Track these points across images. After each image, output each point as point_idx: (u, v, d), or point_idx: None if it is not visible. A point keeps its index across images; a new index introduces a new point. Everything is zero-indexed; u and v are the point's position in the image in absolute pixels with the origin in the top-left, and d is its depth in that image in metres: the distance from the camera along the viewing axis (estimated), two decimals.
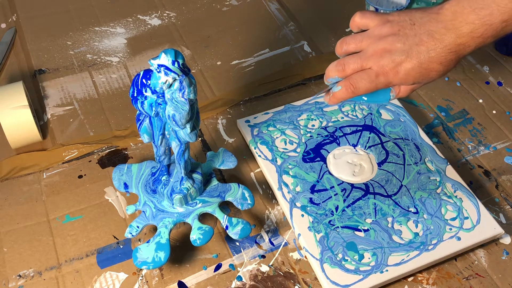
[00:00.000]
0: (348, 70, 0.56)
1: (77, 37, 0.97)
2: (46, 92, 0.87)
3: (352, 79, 0.55)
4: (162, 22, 1.00)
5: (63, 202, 0.73)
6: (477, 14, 0.51)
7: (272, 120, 0.81)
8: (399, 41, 0.54)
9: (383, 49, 0.54)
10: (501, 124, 0.84)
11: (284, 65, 0.93)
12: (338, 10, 1.04)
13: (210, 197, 0.66)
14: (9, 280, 0.65)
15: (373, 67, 0.55)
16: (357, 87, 0.55)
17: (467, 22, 0.51)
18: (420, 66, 0.53)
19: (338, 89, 0.56)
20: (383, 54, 0.54)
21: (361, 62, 0.55)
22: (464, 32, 0.52)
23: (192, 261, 0.67)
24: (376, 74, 0.55)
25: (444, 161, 0.75)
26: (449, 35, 0.52)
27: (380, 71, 0.54)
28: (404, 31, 0.54)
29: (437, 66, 0.53)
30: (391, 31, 0.54)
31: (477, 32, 0.51)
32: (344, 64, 0.56)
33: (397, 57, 0.54)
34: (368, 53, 0.55)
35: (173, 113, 0.55)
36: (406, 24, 0.54)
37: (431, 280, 0.66)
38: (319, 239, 0.67)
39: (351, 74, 0.56)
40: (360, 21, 0.57)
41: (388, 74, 0.54)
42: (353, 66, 0.56)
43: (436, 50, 0.53)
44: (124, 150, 0.79)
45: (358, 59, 0.55)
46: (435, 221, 0.69)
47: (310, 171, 0.74)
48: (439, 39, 0.52)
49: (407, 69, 0.54)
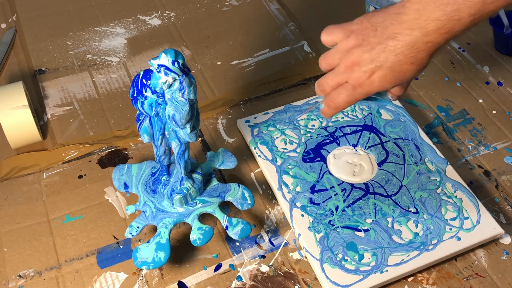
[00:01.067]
0: (327, 88, 0.57)
1: (77, 37, 0.97)
2: (46, 92, 0.87)
3: (331, 96, 0.57)
4: (162, 22, 1.00)
5: (63, 202, 0.73)
6: (443, 10, 0.49)
7: (272, 120, 0.81)
8: (365, 51, 0.53)
9: (353, 62, 0.54)
10: (501, 124, 0.84)
11: (284, 65, 0.93)
12: (338, 10, 1.04)
13: (210, 197, 0.66)
14: (9, 280, 0.65)
15: (348, 81, 0.55)
16: (336, 102, 0.56)
17: (433, 19, 0.49)
18: (392, 71, 0.53)
19: (322, 107, 0.58)
20: (354, 67, 0.54)
21: (337, 79, 0.56)
22: (431, 30, 0.50)
23: (192, 261, 0.67)
24: (352, 87, 0.55)
25: (444, 161, 0.75)
26: (415, 34, 0.51)
27: (356, 84, 0.55)
28: (368, 40, 0.53)
29: (409, 66, 0.52)
30: (356, 43, 0.54)
31: (444, 28, 0.49)
32: (323, 84, 0.58)
33: (368, 68, 0.54)
34: (341, 69, 0.56)
35: (173, 113, 0.55)
36: (369, 32, 0.54)
37: (431, 280, 0.66)
38: (319, 239, 0.67)
39: (330, 91, 0.57)
40: (327, 39, 0.57)
41: (364, 85, 0.55)
42: (331, 83, 0.57)
43: (404, 52, 0.52)
44: (124, 150, 0.79)
45: (333, 77, 0.56)
46: (435, 221, 0.69)
47: (310, 171, 0.74)
48: (405, 41, 0.51)
49: (380, 77, 0.54)
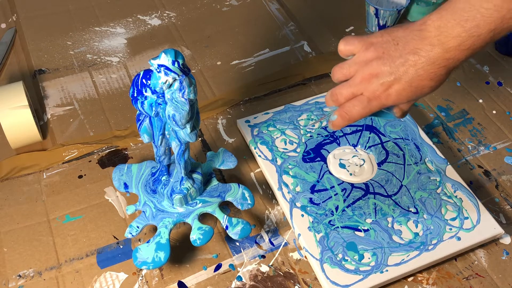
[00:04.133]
0: (341, 99, 0.56)
1: (77, 37, 0.97)
2: (46, 92, 0.87)
3: (345, 107, 0.56)
4: (162, 22, 1.00)
5: (63, 202, 0.73)
6: (463, 26, 0.49)
7: (272, 120, 0.81)
8: (385, 64, 0.53)
9: (370, 74, 0.54)
10: (501, 124, 0.84)
11: (284, 65, 0.93)
12: (338, 10, 1.04)
13: (210, 197, 0.66)
14: (9, 280, 0.65)
15: (364, 93, 0.55)
16: (351, 115, 0.56)
17: (453, 36, 0.50)
18: (410, 86, 0.53)
19: (335, 118, 0.57)
20: (371, 79, 0.54)
21: (352, 90, 0.56)
22: (452, 46, 0.50)
23: (192, 261, 0.67)
24: (368, 100, 0.55)
25: (444, 161, 0.75)
26: (436, 51, 0.51)
27: (371, 96, 0.55)
28: (388, 53, 0.53)
29: (428, 82, 0.53)
30: (375, 55, 0.54)
31: (465, 44, 0.50)
32: (337, 94, 0.57)
33: (386, 80, 0.53)
34: (357, 80, 0.55)
35: (173, 113, 0.55)
36: (390, 45, 0.54)
37: (431, 280, 0.66)
38: (319, 239, 0.67)
39: (344, 102, 0.56)
40: (344, 48, 0.57)
41: (380, 98, 0.54)
42: (345, 94, 0.56)
43: (424, 67, 0.52)
44: (124, 150, 0.79)
45: (349, 87, 0.56)
46: (435, 221, 0.69)
47: (310, 171, 0.74)
48: (426, 56, 0.51)
49: (398, 91, 0.53)
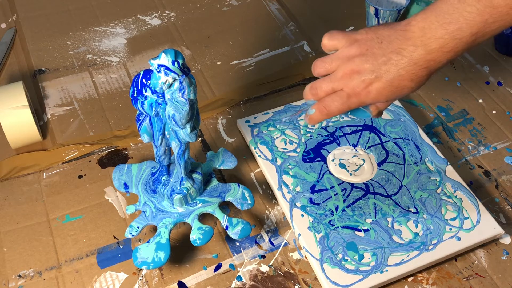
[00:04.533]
0: (321, 93, 0.56)
1: (77, 37, 0.97)
2: (46, 92, 0.87)
3: (324, 101, 0.56)
4: (162, 22, 1.00)
5: (63, 202, 0.73)
6: (446, 29, 0.50)
7: (272, 120, 0.81)
8: (367, 61, 0.53)
9: (352, 70, 0.54)
10: (501, 124, 0.84)
11: (284, 65, 0.93)
12: (337, 10, 1.04)
13: (210, 197, 0.66)
14: (9, 280, 0.65)
15: (344, 89, 0.55)
16: (329, 109, 0.55)
17: (436, 37, 0.50)
18: (391, 85, 0.53)
19: (313, 112, 0.56)
20: (352, 75, 0.54)
21: (332, 85, 0.55)
22: (434, 48, 0.51)
23: (192, 261, 0.67)
24: (347, 96, 0.54)
25: (444, 161, 0.75)
26: (418, 51, 0.51)
27: (351, 93, 0.54)
28: (372, 51, 0.53)
29: (408, 83, 0.53)
30: (359, 51, 0.54)
31: (447, 47, 0.50)
32: (316, 88, 0.56)
33: (367, 78, 0.53)
34: (338, 75, 0.55)
35: (173, 113, 0.55)
36: (374, 43, 0.54)
37: (431, 280, 0.66)
38: (319, 239, 0.67)
39: (324, 96, 0.56)
40: (328, 43, 0.57)
41: (360, 95, 0.54)
42: (325, 88, 0.56)
43: (406, 68, 0.52)
44: (124, 150, 0.79)
45: (329, 82, 0.56)
46: (435, 221, 0.69)
47: (310, 171, 0.74)
48: (408, 57, 0.51)
49: (378, 89, 0.53)
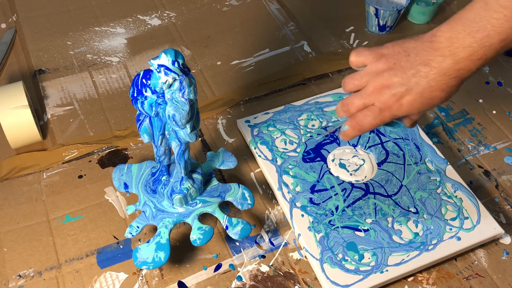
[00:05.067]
0: (352, 109, 0.56)
1: (77, 37, 0.97)
2: (46, 92, 0.87)
3: (357, 117, 0.56)
4: (162, 22, 1.00)
5: (63, 202, 0.73)
6: (474, 37, 0.50)
7: (272, 120, 0.81)
8: (396, 75, 0.54)
9: (382, 85, 0.54)
10: (501, 124, 0.84)
11: (284, 65, 0.93)
12: (338, 10, 1.04)
13: (210, 197, 0.66)
14: (9, 280, 0.65)
15: (376, 104, 0.55)
16: (362, 125, 0.56)
17: (465, 46, 0.50)
18: (421, 97, 0.53)
19: (346, 129, 0.57)
20: (383, 90, 0.54)
21: (363, 100, 0.56)
22: (463, 57, 0.51)
23: (192, 261, 0.67)
24: (380, 110, 0.55)
25: (444, 161, 0.75)
26: (447, 62, 0.51)
27: (383, 107, 0.55)
28: (400, 64, 0.54)
29: (439, 93, 0.53)
30: (387, 66, 0.54)
31: (476, 55, 0.50)
32: (348, 104, 0.57)
33: (397, 91, 0.54)
34: (369, 91, 0.55)
35: (173, 113, 0.55)
36: (401, 57, 0.54)
37: (431, 280, 0.66)
38: (319, 239, 0.67)
39: (356, 112, 0.56)
40: (356, 59, 0.57)
41: (392, 109, 0.54)
42: (357, 104, 0.56)
43: (436, 79, 0.52)
44: (124, 150, 0.79)
45: (360, 98, 0.56)
46: (435, 221, 0.69)
47: (310, 171, 0.74)
48: (437, 67, 0.52)
49: (409, 101, 0.54)
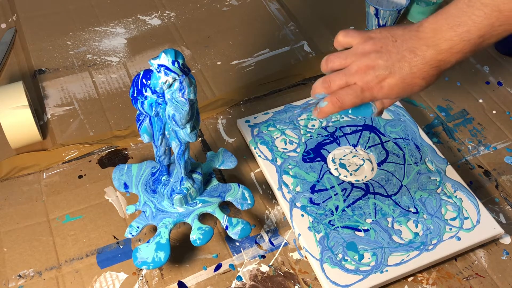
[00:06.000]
0: (334, 87, 0.57)
1: (77, 37, 0.97)
2: (46, 92, 0.87)
3: (338, 94, 0.57)
4: (162, 22, 1.00)
5: (63, 202, 0.73)
6: (455, 31, 0.52)
7: (272, 120, 0.81)
8: (382, 58, 0.55)
9: (367, 65, 0.56)
10: (501, 124, 0.84)
11: (284, 65, 0.93)
12: (338, 10, 1.04)
13: (210, 197, 0.66)
14: (9, 280, 0.65)
15: (358, 83, 0.56)
16: (343, 102, 0.56)
17: (446, 38, 0.53)
18: (403, 82, 0.55)
19: (325, 105, 0.57)
20: (367, 70, 0.56)
21: (346, 79, 0.57)
22: (444, 48, 0.53)
23: (192, 261, 0.67)
24: (361, 90, 0.56)
25: (444, 161, 0.75)
26: (430, 51, 0.53)
27: (365, 87, 0.56)
28: (386, 48, 0.55)
29: (420, 81, 0.55)
30: (373, 48, 0.56)
31: (456, 48, 0.53)
32: (329, 81, 0.57)
33: (381, 73, 0.55)
34: (353, 70, 0.56)
35: (173, 113, 0.55)
36: (388, 41, 0.55)
37: (431, 280, 0.66)
38: (319, 239, 0.67)
39: (336, 90, 0.57)
40: (343, 39, 0.59)
41: (373, 89, 0.56)
42: (339, 82, 0.57)
43: (418, 66, 0.54)
44: (124, 150, 0.79)
45: (343, 76, 0.57)
46: (435, 221, 0.69)
47: (310, 171, 0.74)
48: (421, 56, 0.54)
49: (390, 85, 0.55)
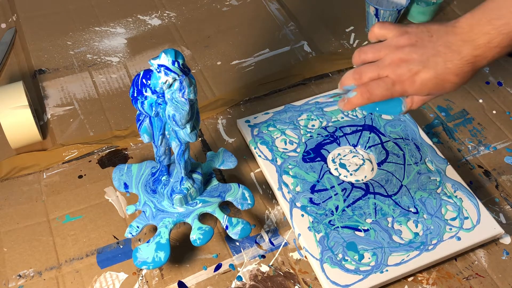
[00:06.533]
0: (364, 78, 0.56)
1: (77, 37, 0.97)
2: (46, 92, 0.87)
3: (369, 85, 0.56)
4: (162, 22, 1.00)
5: (63, 202, 0.73)
6: (493, 24, 0.52)
7: (272, 120, 0.81)
8: (416, 52, 0.54)
9: (400, 59, 0.55)
10: (501, 124, 0.84)
11: (284, 65, 0.93)
12: (338, 10, 1.04)
13: (210, 197, 0.66)
14: (9, 280, 0.65)
15: (390, 76, 0.55)
16: (373, 93, 0.55)
17: (483, 32, 0.52)
18: (436, 77, 0.54)
19: (354, 95, 0.56)
20: (400, 63, 0.55)
21: (378, 71, 0.56)
22: (481, 43, 0.52)
23: (192, 261, 0.67)
24: (392, 83, 0.55)
25: (444, 161, 0.75)
26: (466, 46, 0.53)
27: (396, 80, 0.55)
28: (422, 42, 0.55)
29: (453, 77, 0.54)
30: (408, 42, 0.55)
31: (493, 42, 0.52)
32: (361, 73, 0.57)
33: (414, 67, 0.54)
34: (386, 62, 0.56)
35: (173, 113, 0.55)
36: (424, 36, 0.55)
37: (431, 280, 0.66)
38: (319, 239, 0.67)
39: (367, 82, 0.56)
40: (379, 31, 0.58)
41: (405, 83, 0.55)
42: (370, 74, 0.56)
43: (453, 61, 0.53)
44: (124, 150, 0.79)
45: (375, 68, 0.56)
46: (435, 221, 0.69)
47: (310, 171, 0.74)
48: (457, 51, 0.53)
49: (423, 79, 0.54)
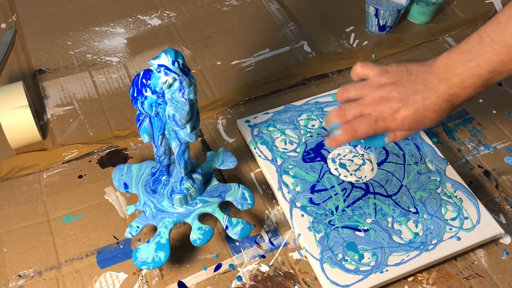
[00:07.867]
0: (348, 116, 0.59)
1: (77, 37, 0.97)
2: (46, 92, 0.87)
3: (353, 123, 0.58)
4: (162, 22, 1.00)
5: (63, 202, 0.73)
6: (466, 66, 0.54)
7: (272, 120, 0.81)
8: (396, 90, 0.57)
9: (382, 97, 0.57)
10: (501, 124, 0.84)
11: (284, 65, 0.93)
12: (338, 10, 1.04)
13: (210, 197, 0.66)
14: (9, 280, 0.65)
15: (372, 113, 0.57)
16: (357, 131, 0.58)
17: (457, 73, 0.54)
18: (415, 114, 0.56)
19: (338, 133, 0.58)
20: (381, 101, 0.57)
21: (361, 109, 0.58)
22: (455, 83, 0.55)
23: (192, 261, 0.67)
24: (375, 120, 0.57)
25: (444, 161, 0.75)
26: (442, 85, 0.55)
27: (379, 117, 0.57)
28: (401, 81, 0.57)
29: (431, 114, 0.56)
30: (389, 81, 0.58)
31: (466, 82, 0.54)
32: (345, 110, 0.59)
33: (395, 105, 0.56)
34: (367, 101, 0.58)
35: (173, 113, 0.55)
36: (404, 75, 0.58)
37: (431, 280, 0.66)
38: (319, 239, 0.67)
39: (351, 119, 0.58)
40: (360, 70, 0.61)
41: (386, 120, 0.57)
42: (353, 112, 0.58)
43: (431, 99, 0.55)
44: (124, 150, 0.79)
45: (358, 106, 0.58)
46: (435, 221, 0.69)
47: (310, 171, 0.74)
48: (433, 89, 0.55)
49: (403, 116, 0.56)
